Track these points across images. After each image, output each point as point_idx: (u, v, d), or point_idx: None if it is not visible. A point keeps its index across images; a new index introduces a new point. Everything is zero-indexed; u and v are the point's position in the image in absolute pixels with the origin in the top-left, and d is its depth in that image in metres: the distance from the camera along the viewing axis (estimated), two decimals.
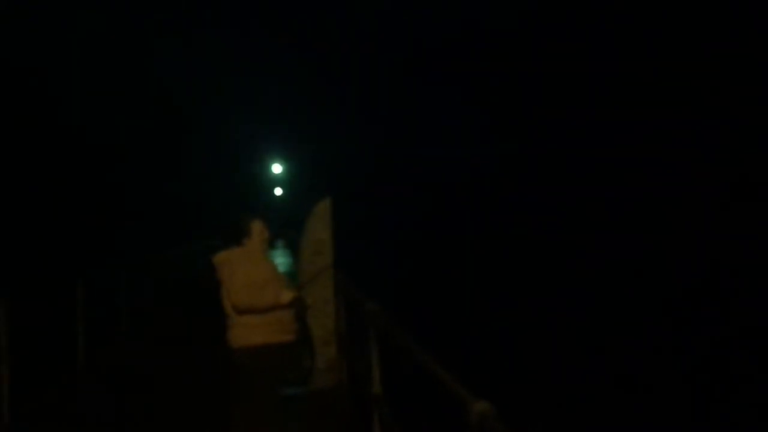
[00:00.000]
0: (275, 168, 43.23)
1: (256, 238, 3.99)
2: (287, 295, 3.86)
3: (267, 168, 43.49)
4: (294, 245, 23.51)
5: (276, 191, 45.73)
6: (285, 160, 43.78)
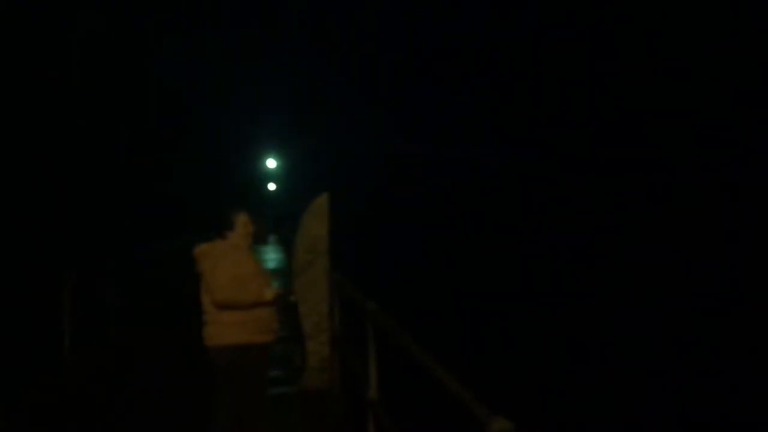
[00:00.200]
0: (269, 163, 42.87)
1: (240, 231, 3.83)
2: (270, 292, 3.74)
3: (261, 163, 43.19)
4: (287, 241, 23.39)
5: (269, 186, 45.42)
6: (280, 155, 43.43)
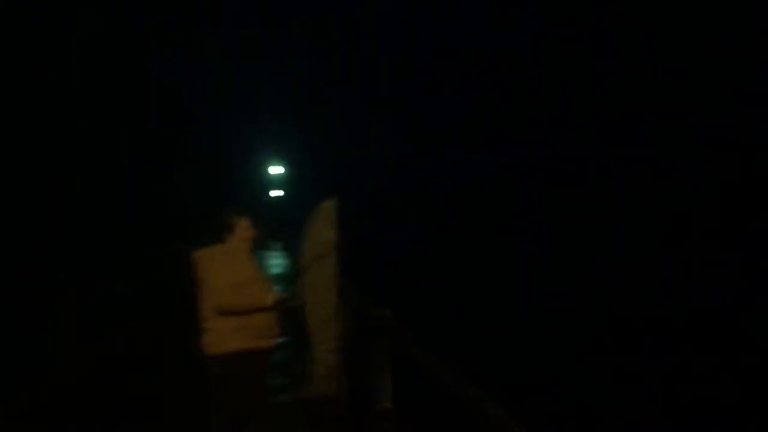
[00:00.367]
0: (274, 168, 42.76)
1: (239, 235, 3.70)
2: (272, 297, 3.62)
3: (265, 167, 43.06)
4: (291, 247, 23.21)
5: (274, 191, 45.31)
6: (284, 159, 43.28)
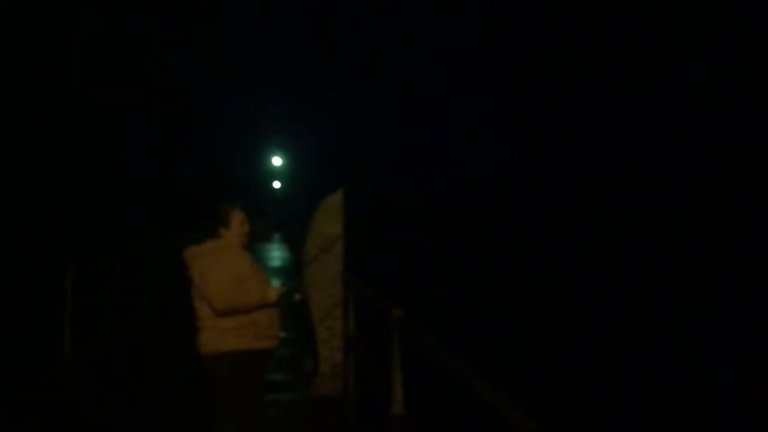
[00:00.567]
0: (275, 160, 42.45)
1: (235, 229, 3.51)
2: (274, 292, 3.44)
3: (266, 159, 42.80)
4: (291, 239, 23.09)
5: (275, 184, 45.08)
6: (284, 152, 42.94)
